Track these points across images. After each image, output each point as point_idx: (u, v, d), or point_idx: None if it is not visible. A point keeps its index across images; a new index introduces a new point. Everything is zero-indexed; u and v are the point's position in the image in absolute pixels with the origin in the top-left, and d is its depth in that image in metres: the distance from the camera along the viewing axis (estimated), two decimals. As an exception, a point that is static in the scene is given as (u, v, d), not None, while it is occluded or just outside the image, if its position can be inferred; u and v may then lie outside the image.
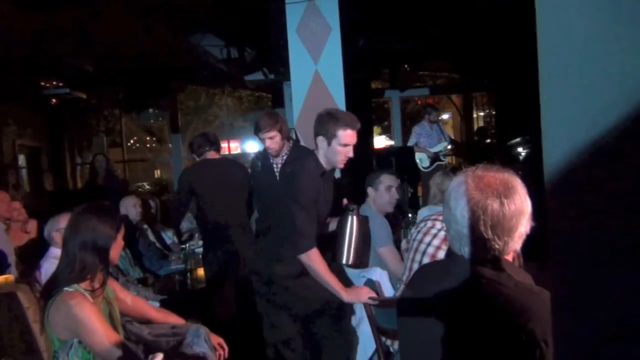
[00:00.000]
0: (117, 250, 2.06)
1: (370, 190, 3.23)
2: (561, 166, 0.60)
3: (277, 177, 3.33)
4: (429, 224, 2.63)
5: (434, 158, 7.12)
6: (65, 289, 1.92)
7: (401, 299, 1.48)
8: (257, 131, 3.29)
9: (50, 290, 1.95)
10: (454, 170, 6.91)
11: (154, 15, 5.49)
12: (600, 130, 0.57)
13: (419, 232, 2.65)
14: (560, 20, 0.60)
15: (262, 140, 3.30)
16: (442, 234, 2.51)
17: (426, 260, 2.48)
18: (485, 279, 1.21)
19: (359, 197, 3.33)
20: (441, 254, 2.45)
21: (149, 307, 2.35)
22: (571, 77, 0.60)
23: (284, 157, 3.35)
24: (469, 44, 7.20)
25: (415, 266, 2.53)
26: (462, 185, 1.22)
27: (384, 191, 3.18)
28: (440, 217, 2.59)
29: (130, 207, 4.36)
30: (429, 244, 2.54)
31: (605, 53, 0.57)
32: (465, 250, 1.24)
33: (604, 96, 0.57)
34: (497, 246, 1.20)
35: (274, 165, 3.38)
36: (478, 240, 1.20)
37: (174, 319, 2.34)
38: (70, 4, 4.98)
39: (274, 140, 3.28)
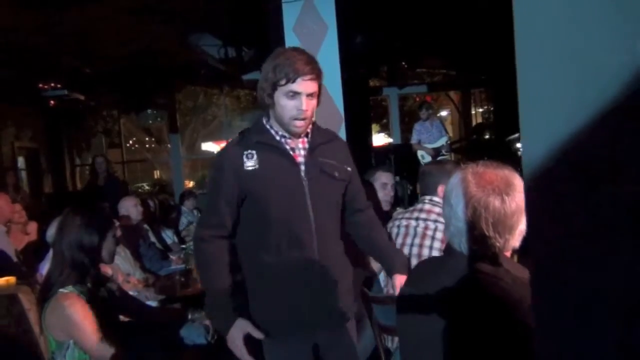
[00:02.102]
0: (109, 249, 2.06)
1: None
2: (540, 163, 0.60)
3: (303, 172, 1.82)
4: (404, 222, 2.54)
5: (435, 154, 7.18)
6: (60, 290, 1.92)
7: (400, 295, 1.49)
8: (289, 79, 1.74)
9: (46, 292, 1.96)
10: (453, 167, 6.92)
11: (151, 15, 5.49)
12: (576, 126, 0.58)
13: (397, 235, 2.54)
14: (537, 17, 0.61)
15: (290, 98, 1.76)
16: (420, 230, 2.47)
17: (414, 261, 2.41)
18: (483, 274, 1.21)
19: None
20: (425, 252, 2.40)
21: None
22: (548, 74, 0.60)
23: (308, 137, 1.88)
24: (467, 41, 7.21)
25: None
26: (463, 182, 1.22)
27: (379, 188, 3.07)
28: (415, 214, 2.53)
29: (130, 208, 4.36)
30: (412, 245, 2.46)
31: (581, 48, 0.58)
32: (465, 247, 1.24)
33: (580, 92, 0.58)
34: (498, 244, 1.20)
35: (290, 152, 1.84)
36: (479, 237, 1.20)
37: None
38: (67, 4, 4.98)
39: (312, 100, 1.80)
